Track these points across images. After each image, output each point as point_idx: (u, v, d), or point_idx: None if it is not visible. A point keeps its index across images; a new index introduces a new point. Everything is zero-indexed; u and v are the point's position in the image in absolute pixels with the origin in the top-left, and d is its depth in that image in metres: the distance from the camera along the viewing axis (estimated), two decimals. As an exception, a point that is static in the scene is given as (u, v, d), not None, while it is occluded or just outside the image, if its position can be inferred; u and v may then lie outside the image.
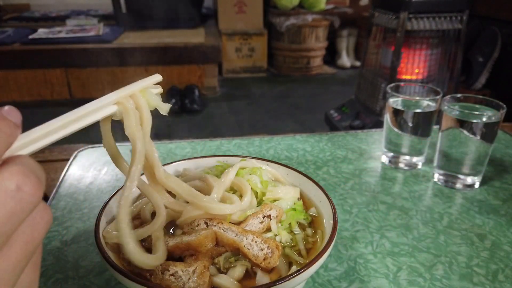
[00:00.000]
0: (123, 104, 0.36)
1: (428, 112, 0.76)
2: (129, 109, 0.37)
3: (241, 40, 3.87)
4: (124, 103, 0.36)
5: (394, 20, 1.85)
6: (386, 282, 0.51)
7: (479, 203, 0.68)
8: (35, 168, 0.23)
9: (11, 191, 0.21)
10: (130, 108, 0.37)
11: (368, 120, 2.08)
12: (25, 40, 3.23)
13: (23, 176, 0.22)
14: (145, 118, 0.39)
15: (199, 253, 0.41)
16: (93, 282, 0.52)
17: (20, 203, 0.22)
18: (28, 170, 0.23)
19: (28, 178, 0.22)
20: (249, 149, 0.87)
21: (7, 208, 0.21)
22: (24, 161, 0.23)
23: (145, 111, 0.39)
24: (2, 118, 0.23)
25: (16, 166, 0.22)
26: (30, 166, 0.23)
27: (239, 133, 2.74)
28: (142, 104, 0.38)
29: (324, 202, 0.50)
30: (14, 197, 0.21)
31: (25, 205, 0.22)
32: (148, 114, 0.39)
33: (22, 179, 0.22)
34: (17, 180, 0.22)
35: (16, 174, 0.22)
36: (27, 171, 0.22)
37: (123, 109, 0.37)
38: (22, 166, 0.22)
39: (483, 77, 2.37)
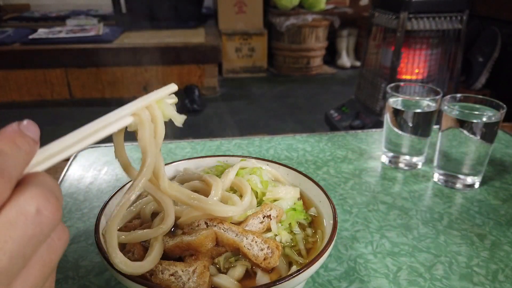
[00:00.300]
0: (139, 115, 0.36)
1: (428, 112, 0.76)
2: (145, 121, 0.36)
3: (241, 40, 3.87)
4: (140, 115, 0.36)
5: (394, 20, 1.85)
6: (386, 282, 0.51)
7: (479, 203, 0.68)
8: (54, 188, 0.23)
9: (31, 215, 0.21)
10: (146, 120, 0.36)
11: (368, 120, 2.08)
12: (25, 40, 3.23)
13: (43, 199, 0.22)
14: (159, 130, 0.38)
15: (199, 253, 0.41)
16: (93, 282, 0.52)
17: (39, 226, 0.21)
18: (48, 191, 0.22)
19: (48, 201, 0.22)
20: (249, 149, 0.87)
21: (27, 232, 0.21)
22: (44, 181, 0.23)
23: (160, 123, 0.38)
24: (21, 134, 0.23)
25: (36, 188, 0.22)
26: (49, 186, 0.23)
27: (239, 133, 2.74)
28: (158, 116, 0.38)
29: (324, 202, 0.50)
30: (34, 221, 0.21)
31: (44, 228, 0.22)
32: (162, 126, 0.39)
33: (42, 203, 0.22)
34: (38, 203, 0.21)
35: (36, 197, 0.22)
36: (47, 193, 0.22)
37: (139, 120, 0.36)
38: (42, 188, 0.22)
39: (483, 77, 2.37)
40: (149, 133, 0.37)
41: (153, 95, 0.38)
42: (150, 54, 3.24)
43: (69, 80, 3.25)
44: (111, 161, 0.82)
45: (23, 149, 0.23)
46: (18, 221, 0.21)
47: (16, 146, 0.23)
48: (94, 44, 3.24)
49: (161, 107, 0.39)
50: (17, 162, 0.22)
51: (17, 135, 0.23)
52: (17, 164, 0.22)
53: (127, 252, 0.42)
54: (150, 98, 0.37)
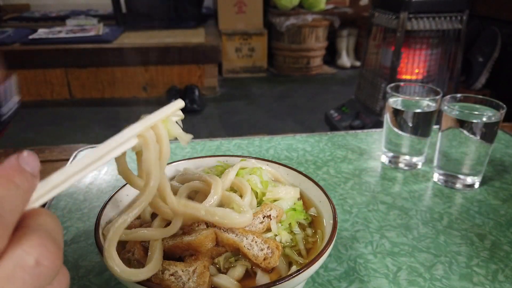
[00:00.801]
0: (144, 136, 0.35)
1: (428, 112, 0.76)
2: (150, 142, 0.35)
3: (241, 40, 3.87)
4: (145, 136, 0.35)
5: (394, 20, 1.85)
6: (386, 282, 0.51)
7: (479, 203, 0.68)
8: (54, 232, 0.22)
9: (30, 268, 0.20)
10: (151, 141, 0.35)
11: (368, 120, 2.08)
12: (25, 40, 3.23)
13: (42, 249, 0.20)
14: (164, 151, 0.37)
15: (199, 253, 0.41)
16: (93, 282, 0.52)
17: (39, 279, 0.20)
18: (48, 238, 0.21)
19: (48, 250, 0.21)
20: (249, 149, 0.87)
21: (25, 286, 0.19)
22: (43, 224, 0.22)
23: (165, 143, 0.37)
24: (20, 171, 0.22)
25: (35, 235, 0.21)
26: (49, 230, 0.22)
27: (239, 133, 2.74)
28: (163, 136, 0.36)
29: (324, 202, 0.50)
30: (33, 274, 0.20)
31: (43, 280, 0.20)
32: (168, 147, 0.37)
33: (41, 253, 0.20)
34: (37, 254, 0.20)
35: (35, 247, 0.20)
36: (46, 241, 0.21)
37: (144, 142, 0.35)
38: (41, 235, 0.21)
39: (483, 77, 2.37)
40: (154, 155, 0.36)
41: (159, 114, 0.36)
42: (150, 54, 3.24)
43: (69, 80, 3.25)
44: (111, 161, 0.82)
45: (22, 187, 0.22)
46: (16, 275, 0.19)
47: (15, 185, 0.21)
48: (94, 44, 3.24)
49: (167, 126, 0.37)
50: (15, 204, 0.21)
51: (15, 173, 0.22)
52: (14, 207, 0.21)
53: (127, 252, 0.42)
54: (156, 118, 0.36)
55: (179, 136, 0.39)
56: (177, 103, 0.38)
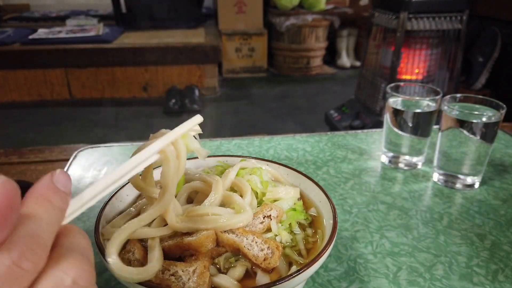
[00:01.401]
0: (165, 152, 0.35)
1: (428, 112, 0.76)
2: (170, 158, 0.36)
3: (241, 40, 3.87)
4: (166, 152, 0.35)
5: (394, 20, 1.85)
6: (386, 282, 0.51)
7: (479, 203, 0.68)
8: (86, 249, 0.23)
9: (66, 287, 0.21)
10: (171, 157, 0.36)
11: (368, 120, 2.08)
12: (25, 40, 3.23)
13: (79, 269, 0.21)
14: (181, 167, 0.38)
15: (200, 253, 0.41)
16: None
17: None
18: (82, 257, 0.22)
19: (83, 269, 0.22)
20: (249, 149, 0.87)
21: None
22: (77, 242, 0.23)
23: (183, 159, 0.37)
24: (55, 190, 0.23)
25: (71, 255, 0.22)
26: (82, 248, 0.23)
27: (239, 133, 2.74)
28: (182, 152, 0.37)
29: (324, 202, 0.50)
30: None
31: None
32: (185, 162, 0.38)
33: (78, 272, 0.21)
34: (74, 274, 0.21)
35: (72, 267, 0.21)
36: (81, 260, 0.22)
37: (164, 157, 0.36)
38: (77, 255, 0.22)
39: (483, 77, 2.37)
40: (173, 170, 0.36)
41: (180, 130, 0.37)
42: (150, 54, 3.24)
43: (69, 80, 3.25)
44: (111, 161, 0.83)
45: (57, 207, 0.22)
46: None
47: (51, 205, 0.22)
48: (94, 44, 3.24)
49: (186, 141, 0.38)
50: (52, 224, 0.22)
51: (50, 192, 0.22)
52: (51, 227, 0.22)
53: (128, 252, 0.42)
54: (177, 134, 0.36)
55: (197, 150, 0.40)
56: (196, 118, 0.39)
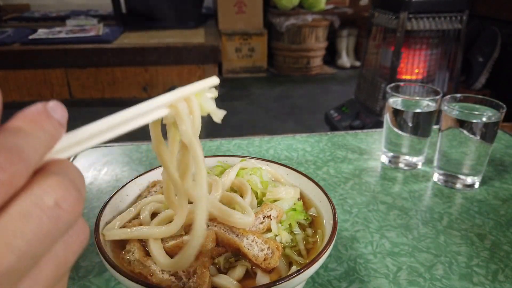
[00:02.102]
0: (176, 107, 0.32)
1: (428, 112, 0.76)
2: (183, 114, 0.33)
3: (241, 40, 3.87)
4: (177, 107, 0.32)
5: (394, 20, 1.85)
6: (386, 282, 0.51)
7: (479, 203, 0.68)
8: (76, 178, 0.21)
9: (48, 208, 0.18)
10: (184, 112, 0.33)
11: (368, 120, 2.08)
12: (25, 40, 3.23)
13: (63, 190, 0.19)
14: (196, 125, 0.35)
15: (200, 253, 0.41)
16: (93, 283, 0.52)
17: (56, 222, 0.19)
18: (69, 181, 0.20)
19: (69, 192, 0.19)
20: (249, 149, 0.87)
21: (42, 228, 0.18)
22: (65, 169, 0.21)
23: (197, 117, 0.35)
24: (47, 116, 0.21)
25: (56, 176, 0.20)
26: (71, 175, 0.21)
27: (239, 133, 2.74)
28: (196, 110, 0.34)
29: (324, 202, 0.50)
30: (51, 216, 0.18)
31: (61, 224, 0.19)
32: (199, 120, 0.35)
33: (61, 194, 0.19)
34: (56, 195, 0.19)
35: (55, 188, 0.19)
36: (67, 184, 0.20)
37: (176, 113, 0.33)
38: (62, 177, 0.20)
39: (483, 77, 2.37)
40: (190, 126, 0.33)
41: (193, 87, 0.34)
42: (150, 54, 3.24)
43: (69, 80, 3.25)
44: (111, 161, 0.83)
45: (47, 130, 0.20)
46: (33, 214, 0.18)
47: (40, 126, 0.20)
48: (94, 44, 3.24)
49: (200, 101, 0.35)
50: (39, 144, 0.20)
51: (42, 116, 0.20)
52: (38, 147, 0.20)
53: (128, 252, 0.42)
54: (190, 90, 0.34)
55: (212, 112, 0.36)
56: (212, 79, 0.36)
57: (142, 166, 0.80)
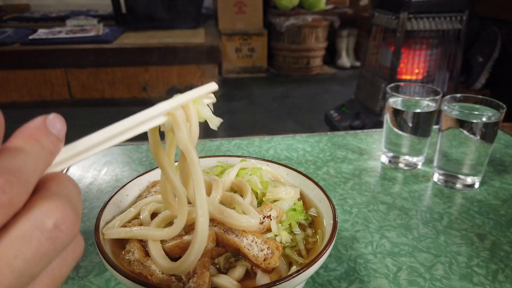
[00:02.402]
0: (173, 115, 0.33)
1: (428, 112, 0.76)
2: (180, 121, 0.33)
3: (241, 40, 3.87)
4: (175, 115, 0.33)
5: (394, 20, 1.85)
6: (386, 282, 0.51)
7: (479, 203, 0.68)
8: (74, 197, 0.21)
9: (47, 231, 0.19)
10: (181, 120, 0.33)
11: (368, 120, 2.08)
12: (25, 41, 3.23)
13: (62, 212, 0.20)
14: (193, 132, 0.35)
15: (199, 253, 0.41)
16: (93, 283, 0.52)
17: (54, 243, 0.19)
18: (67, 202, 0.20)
19: (67, 214, 0.20)
20: (249, 149, 0.87)
21: (40, 250, 0.19)
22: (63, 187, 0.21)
23: (194, 124, 0.35)
24: (46, 132, 0.21)
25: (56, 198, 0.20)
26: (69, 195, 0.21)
27: (239, 133, 2.74)
28: (193, 117, 0.35)
29: (324, 202, 0.50)
30: (49, 237, 0.19)
31: (59, 245, 0.20)
32: (197, 127, 0.35)
33: (60, 216, 0.20)
34: (56, 217, 0.19)
35: (55, 210, 0.20)
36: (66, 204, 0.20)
37: (173, 120, 0.33)
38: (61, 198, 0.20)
39: (483, 77, 2.37)
40: (187, 133, 0.34)
41: (191, 95, 0.35)
42: (150, 54, 3.24)
43: (69, 81, 3.25)
44: (111, 161, 0.83)
45: (46, 148, 0.21)
46: (33, 236, 0.19)
47: (39, 144, 0.21)
48: (94, 44, 3.24)
49: (197, 107, 0.36)
50: (38, 163, 0.20)
51: (41, 133, 0.21)
52: (37, 166, 0.20)
53: (128, 252, 0.42)
54: (188, 98, 0.34)
55: (209, 119, 0.37)
56: (210, 86, 0.37)
57: (142, 166, 0.80)
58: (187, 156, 0.34)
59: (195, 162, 0.34)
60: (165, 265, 0.38)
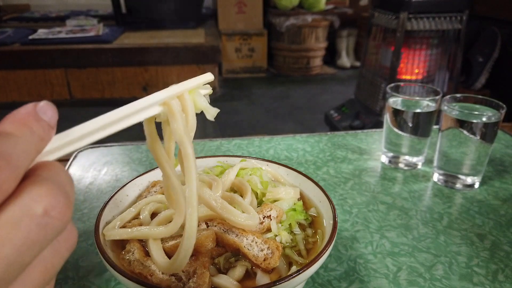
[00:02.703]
0: (168, 105, 0.32)
1: (428, 112, 0.76)
2: (176, 111, 0.32)
3: (241, 40, 3.87)
4: (170, 105, 0.32)
5: (394, 20, 1.85)
6: (386, 282, 0.51)
7: (479, 203, 0.68)
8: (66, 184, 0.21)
9: (36, 217, 0.18)
10: (177, 110, 0.32)
11: (368, 120, 2.08)
12: (25, 41, 3.23)
13: (52, 198, 0.19)
14: (190, 123, 0.34)
15: (200, 253, 0.41)
16: (93, 283, 0.52)
17: (44, 230, 0.19)
18: (58, 188, 0.20)
19: (57, 200, 0.19)
20: (249, 149, 0.87)
21: (30, 236, 0.18)
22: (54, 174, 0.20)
23: (191, 115, 0.34)
24: (36, 118, 0.21)
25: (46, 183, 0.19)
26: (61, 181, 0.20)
27: (239, 133, 2.74)
28: (189, 107, 0.34)
29: (324, 202, 0.50)
30: (39, 224, 0.18)
31: (50, 232, 0.19)
32: (194, 118, 0.35)
33: (50, 202, 0.19)
34: (45, 203, 0.19)
35: (44, 196, 0.19)
36: (56, 190, 0.19)
37: (169, 111, 0.32)
38: (52, 184, 0.19)
39: (483, 77, 2.37)
40: (182, 124, 0.33)
41: (187, 84, 0.34)
42: (150, 54, 3.24)
43: (69, 81, 3.25)
44: (111, 161, 0.83)
45: (37, 134, 0.20)
46: (22, 222, 0.18)
47: (29, 130, 0.20)
48: (94, 44, 3.24)
49: (193, 98, 0.35)
50: (28, 148, 0.20)
51: (31, 118, 0.20)
52: (27, 151, 0.19)
53: (128, 252, 0.42)
54: (183, 87, 0.34)
55: (206, 109, 0.36)
56: (206, 76, 0.36)
57: (142, 166, 0.80)
58: (182, 148, 0.33)
59: (189, 155, 0.33)
60: (162, 264, 0.38)
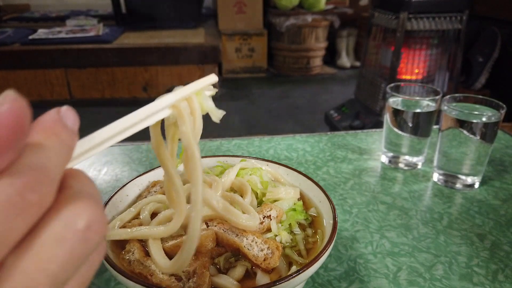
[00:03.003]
0: (177, 108, 0.33)
1: (428, 112, 0.76)
2: (185, 114, 0.33)
3: (241, 40, 3.87)
4: (179, 107, 0.33)
5: (394, 20, 1.85)
6: (386, 282, 0.51)
7: (479, 203, 0.68)
8: (95, 194, 0.20)
9: (80, 232, 0.18)
10: (186, 113, 0.33)
11: (368, 120, 2.08)
12: (25, 41, 3.23)
13: (91, 212, 0.18)
14: (197, 125, 0.35)
15: (200, 253, 0.41)
16: (93, 282, 0.52)
17: (86, 244, 0.18)
18: (94, 201, 0.19)
19: (97, 213, 0.19)
20: (249, 149, 0.87)
21: (74, 252, 0.18)
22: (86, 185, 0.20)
23: (198, 117, 0.35)
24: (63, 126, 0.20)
25: (83, 197, 0.19)
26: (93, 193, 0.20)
27: (239, 133, 2.74)
28: (197, 109, 0.34)
29: (324, 202, 0.50)
30: (81, 239, 0.18)
31: (90, 246, 0.19)
32: (200, 120, 0.35)
33: (92, 217, 0.18)
34: (86, 217, 0.18)
35: (84, 210, 0.18)
36: (93, 203, 0.19)
37: (178, 113, 0.33)
38: (88, 197, 0.19)
39: (483, 77, 2.37)
40: (190, 128, 0.33)
41: (193, 86, 0.34)
42: (150, 54, 3.24)
43: (69, 81, 3.25)
44: (111, 161, 0.83)
45: (65, 143, 0.19)
46: (66, 238, 0.17)
47: (58, 139, 0.19)
48: (94, 44, 3.24)
49: (200, 100, 0.35)
50: (60, 158, 0.19)
51: (59, 127, 0.19)
52: (60, 162, 0.19)
53: (128, 252, 0.42)
54: (190, 90, 0.34)
55: (211, 111, 0.37)
56: (211, 78, 0.36)
57: (142, 166, 0.80)
58: (189, 151, 0.33)
59: (196, 157, 0.33)
60: (163, 264, 0.38)
